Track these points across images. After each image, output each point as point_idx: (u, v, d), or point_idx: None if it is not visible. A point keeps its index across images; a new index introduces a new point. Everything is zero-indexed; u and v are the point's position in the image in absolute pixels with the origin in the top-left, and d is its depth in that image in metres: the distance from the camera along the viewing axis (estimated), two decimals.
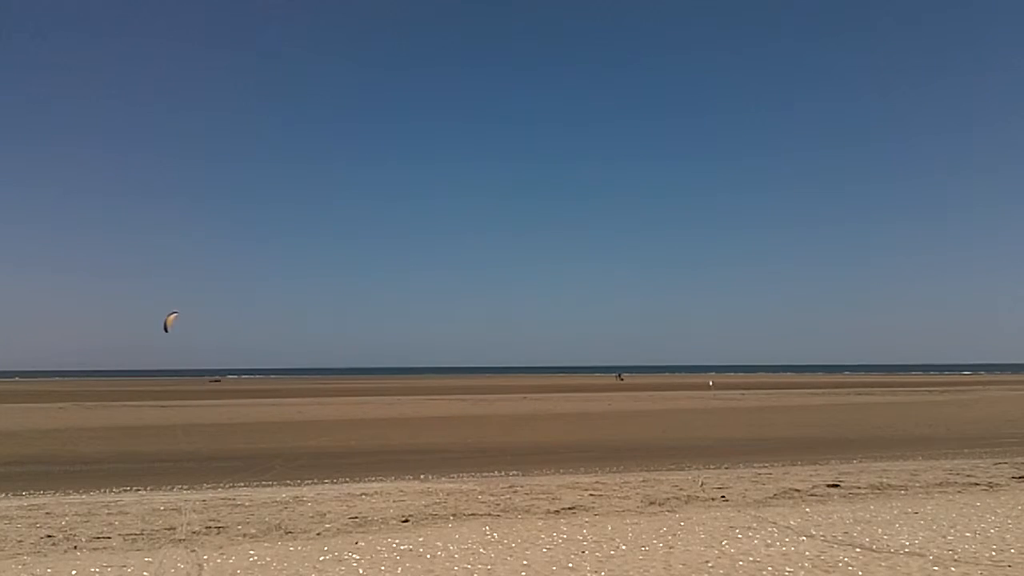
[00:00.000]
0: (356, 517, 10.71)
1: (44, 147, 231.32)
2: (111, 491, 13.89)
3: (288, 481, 15.28)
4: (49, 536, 9.56)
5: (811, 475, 14.80)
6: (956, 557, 8.17)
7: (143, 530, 9.90)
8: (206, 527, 10.05)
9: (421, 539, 9.25)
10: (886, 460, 17.90)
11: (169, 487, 14.32)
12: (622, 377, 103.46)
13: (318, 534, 9.68)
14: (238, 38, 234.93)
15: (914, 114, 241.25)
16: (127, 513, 11.12)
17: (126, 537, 9.51)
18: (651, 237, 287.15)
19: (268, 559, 8.29)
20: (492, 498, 12.26)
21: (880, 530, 9.59)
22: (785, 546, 8.74)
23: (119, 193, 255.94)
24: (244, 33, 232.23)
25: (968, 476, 14.47)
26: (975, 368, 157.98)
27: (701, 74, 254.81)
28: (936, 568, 7.74)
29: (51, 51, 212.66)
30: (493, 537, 9.35)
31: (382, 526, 10.16)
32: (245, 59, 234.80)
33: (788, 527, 9.81)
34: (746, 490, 12.90)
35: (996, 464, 16.47)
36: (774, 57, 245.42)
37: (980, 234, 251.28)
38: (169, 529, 9.95)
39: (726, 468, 16.57)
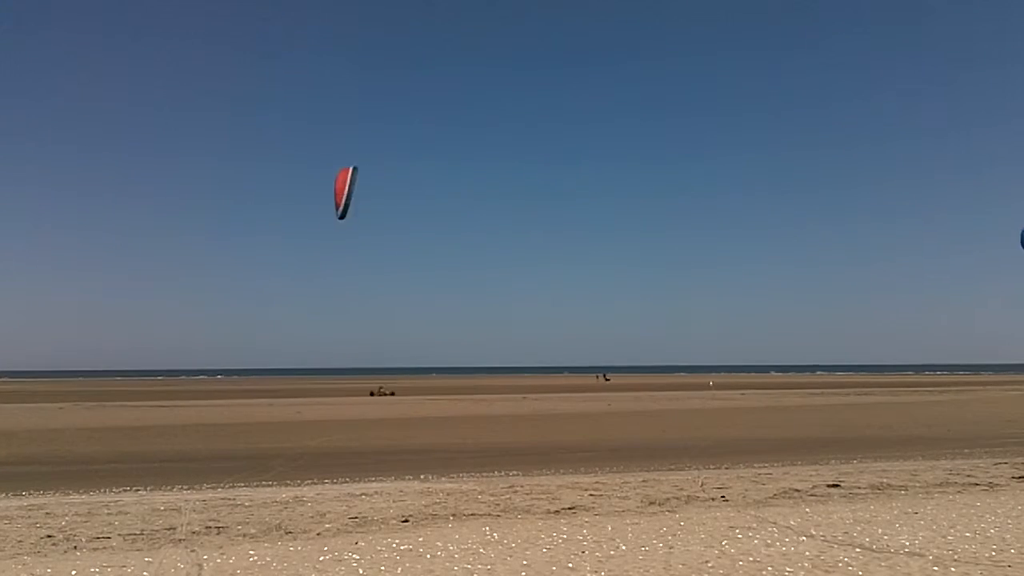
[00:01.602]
0: (356, 517, 10.71)
1: (43, 146, 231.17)
2: (111, 491, 13.89)
3: (288, 481, 15.28)
4: (49, 536, 9.55)
5: (811, 475, 14.79)
6: (956, 557, 8.17)
7: (143, 530, 9.90)
8: (206, 527, 10.05)
9: (421, 539, 9.25)
10: (886, 460, 17.89)
11: (169, 487, 14.31)
12: (608, 377, 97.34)
13: (318, 534, 9.68)
14: (238, 38, 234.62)
15: (915, 114, 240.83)
16: (127, 513, 11.11)
17: (126, 537, 9.51)
18: (650, 237, 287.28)
19: (268, 559, 8.29)
20: (492, 498, 12.26)
21: (880, 530, 9.58)
22: (785, 546, 8.74)
23: (119, 193, 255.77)
24: (244, 33, 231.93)
25: (968, 476, 14.47)
26: (975, 368, 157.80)
27: (700, 74, 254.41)
28: (936, 568, 7.74)
29: (50, 50, 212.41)
30: (493, 537, 9.35)
31: (382, 526, 10.15)
32: (245, 59, 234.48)
33: (788, 527, 9.81)
34: (746, 490, 12.90)
35: (996, 464, 16.47)
36: (775, 57, 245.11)
37: (981, 234, 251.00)
38: (169, 529, 9.94)
39: (726, 468, 16.56)
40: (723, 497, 12.20)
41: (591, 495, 12.47)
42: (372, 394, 56.82)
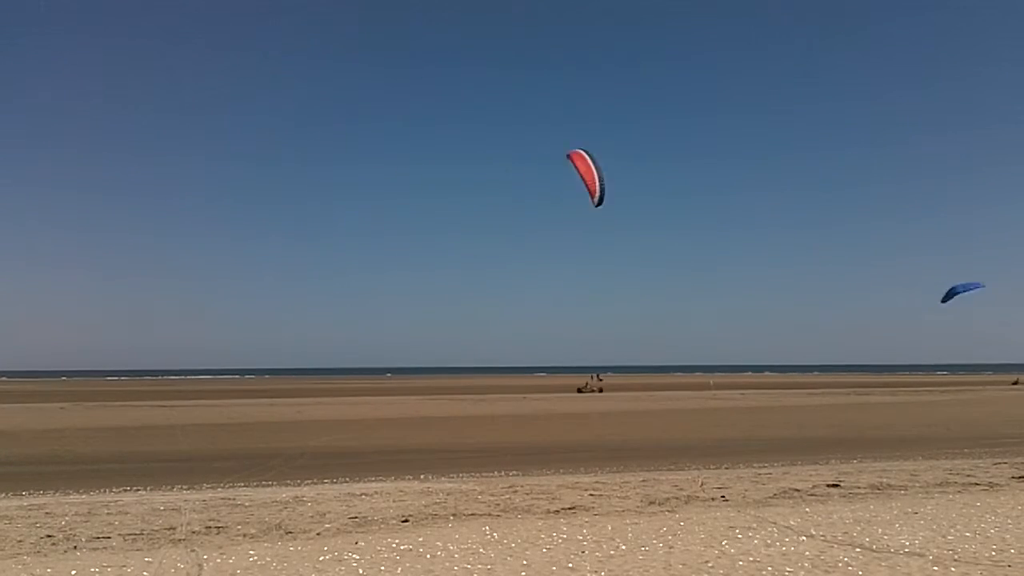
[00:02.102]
0: (356, 517, 10.71)
1: (42, 147, 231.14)
2: (111, 491, 13.90)
3: (288, 481, 15.29)
4: (49, 536, 9.56)
5: (811, 475, 14.80)
6: (956, 557, 8.18)
7: (143, 530, 9.90)
8: (206, 527, 10.05)
9: (421, 539, 9.26)
10: (886, 460, 17.90)
11: (169, 487, 14.32)
12: (600, 378, 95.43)
13: (318, 534, 9.68)
14: (238, 38, 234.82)
15: (916, 114, 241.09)
16: (127, 513, 11.12)
17: (126, 537, 9.52)
18: (649, 237, 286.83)
19: (268, 559, 8.30)
20: (492, 498, 12.27)
21: (880, 530, 9.59)
22: (785, 546, 8.74)
23: (119, 193, 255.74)
24: (244, 33, 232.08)
25: (968, 476, 14.48)
26: (975, 368, 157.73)
27: (701, 75, 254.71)
28: (936, 568, 7.75)
29: (50, 51, 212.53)
30: (493, 537, 9.35)
31: (382, 526, 10.16)
32: (245, 59, 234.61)
33: (788, 527, 9.81)
34: (746, 490, 12.90)
35: (996, 464, 16.47)
36: (776, 57, 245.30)
37: (981, 234, 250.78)
38: (169, 529, 9.95)
39: (726, 468, 16.57)
40: (723, 497, 12.20)
41: (591, 495, 12.47)
42: (579, 391, 58.15)
